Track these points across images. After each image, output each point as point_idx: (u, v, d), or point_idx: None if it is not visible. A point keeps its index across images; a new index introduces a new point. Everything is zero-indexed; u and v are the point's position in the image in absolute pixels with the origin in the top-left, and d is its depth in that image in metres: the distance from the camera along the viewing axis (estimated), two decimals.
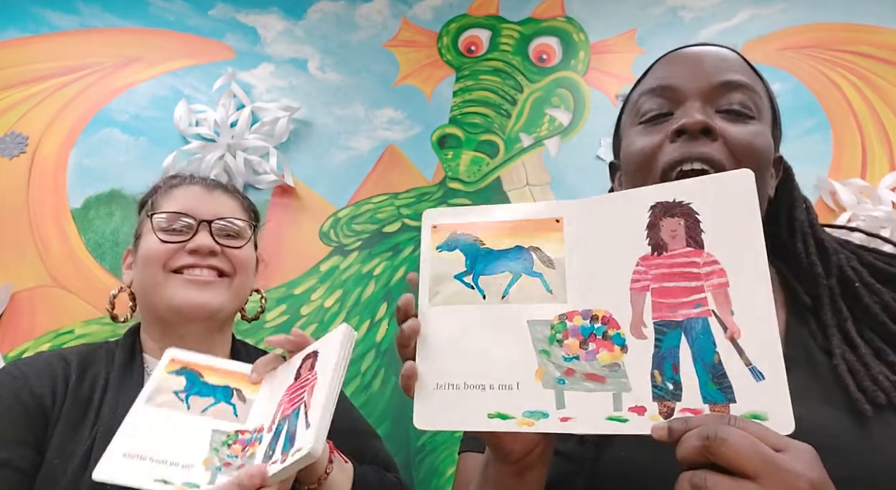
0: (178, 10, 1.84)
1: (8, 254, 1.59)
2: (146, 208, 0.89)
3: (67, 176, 1.67)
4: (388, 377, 1.57)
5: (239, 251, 0.84)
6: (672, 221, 0.46)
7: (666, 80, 0.63)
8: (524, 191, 1.74)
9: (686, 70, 0.62)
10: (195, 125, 1.72)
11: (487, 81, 1.83)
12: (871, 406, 0.51)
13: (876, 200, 1.55)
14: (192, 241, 0.81)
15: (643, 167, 0.61)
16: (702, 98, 0.60)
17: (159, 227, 0.82)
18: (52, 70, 1.73)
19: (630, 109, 0.67)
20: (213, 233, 0.82)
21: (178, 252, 0.81)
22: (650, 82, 0.65)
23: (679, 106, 0.61)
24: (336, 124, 1.81)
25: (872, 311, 0.57)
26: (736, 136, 0.58)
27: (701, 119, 0.57)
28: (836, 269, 0.61)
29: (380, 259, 1.68)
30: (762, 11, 1.76)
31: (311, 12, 1.89)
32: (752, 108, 0.60)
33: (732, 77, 0.60)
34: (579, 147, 1.74)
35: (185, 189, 0.87)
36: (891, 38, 1.67)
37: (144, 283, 0.83)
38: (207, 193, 0.86)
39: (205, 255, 0.81)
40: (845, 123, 1.65)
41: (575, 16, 1.85)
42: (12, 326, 1.54)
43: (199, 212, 0.83)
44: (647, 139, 0.61)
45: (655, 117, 0.62)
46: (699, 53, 0.64)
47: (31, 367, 0.76)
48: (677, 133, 0.58)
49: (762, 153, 0.59)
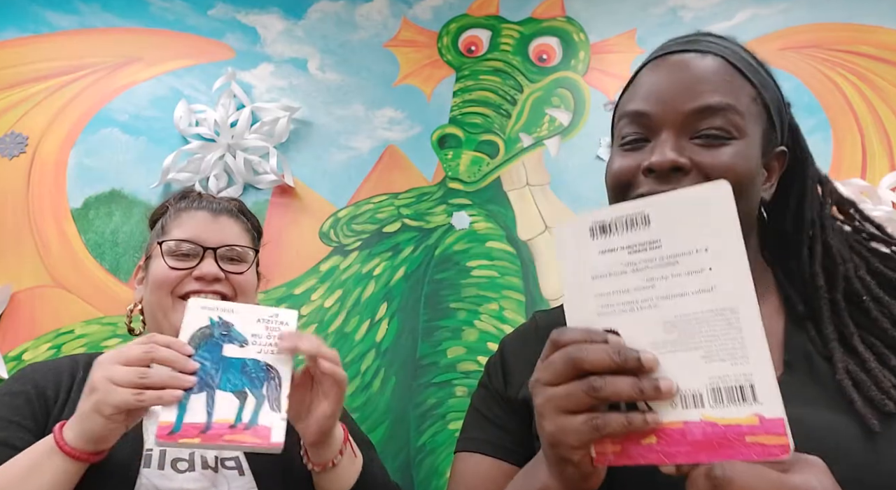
0: (178, 10, 1.84)
1: (8, 254, 1.59)
2: (156, 231, 0.95)
3: (67, 176, 1.67)
4: (388, 377, 1.57)
5: (241, 277, 0.91)
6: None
7: (641, 103, 0.61)
8: (524, 191, 1.74)
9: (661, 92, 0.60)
10: (195, 125, 1.72)
11: (487, 81, 1.83)
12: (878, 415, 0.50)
13: (876, 200, 1.55)
14: (197, 268, 0.87)
15: (617, 190, 0.62)
16: (675, 129, 0.58)
17: (168, 252, 0.88)
18: (52, 70, 1.73)
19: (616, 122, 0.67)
20: (217, 259, 0.89)
21: (186, 279, 0.87)
22: (631, 99, 0.64)
23: (654, 135, 0.60)
24: (336, 124, 1.81)
25: (882, 326, 0.57)
26: (710, 166, 0.57)
27: (670, 158, 0.56)
28: (843, 281, 0.59)
29: (380, 259, 1.68)
30: (762, 11, 1.76)
31: (311, 12, 1.89)
32: (731, 130, 0.58)
33: (709, 101, 0.58)
34: (579, 147, 1.75)
35: (192, 214, 0.93)
36: (891, 38, 1.67)
37: (153, 305, 0.89)
38: (213, 220, 0.93)
39: (209, 282, 0.87)
40: (845, 123, 1.65)
41: (575, 16, 1.85)
42: (12, 326, 1.54)
43: (205, 239, 0.89)
44: (623, 162, 0.62)
45: (633, 142, 0.62)
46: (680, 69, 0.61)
47: (40, 366, 0.85)
48: (649, 170, 0.58)
49: (740, 175, 0.57)
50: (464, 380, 1.57)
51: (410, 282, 1.66)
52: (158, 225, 0.95)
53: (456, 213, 1.72)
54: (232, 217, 0.95)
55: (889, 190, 1.56)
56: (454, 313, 1.63)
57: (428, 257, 1.69)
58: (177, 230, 0.90)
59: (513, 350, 0.74)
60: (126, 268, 1.62)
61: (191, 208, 0.94)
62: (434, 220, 1.72)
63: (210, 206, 0.95)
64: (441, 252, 1.69)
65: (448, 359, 1.59)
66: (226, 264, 0.90)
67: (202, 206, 0.94)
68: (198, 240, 0.89)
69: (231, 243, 0.91)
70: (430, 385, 1.57)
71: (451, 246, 1.69)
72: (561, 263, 0.48)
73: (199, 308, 0.69)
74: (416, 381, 1.58)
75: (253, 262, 0.94)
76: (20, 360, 1.52)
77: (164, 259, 0.88)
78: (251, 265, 0.93)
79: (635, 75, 0.67)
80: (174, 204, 0.97)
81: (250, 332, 0.70)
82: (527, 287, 1.64)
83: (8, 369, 1.50)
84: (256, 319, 0.71)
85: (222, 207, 0.95)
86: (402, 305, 1.64)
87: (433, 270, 1.67)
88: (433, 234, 1.71)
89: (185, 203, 0.96)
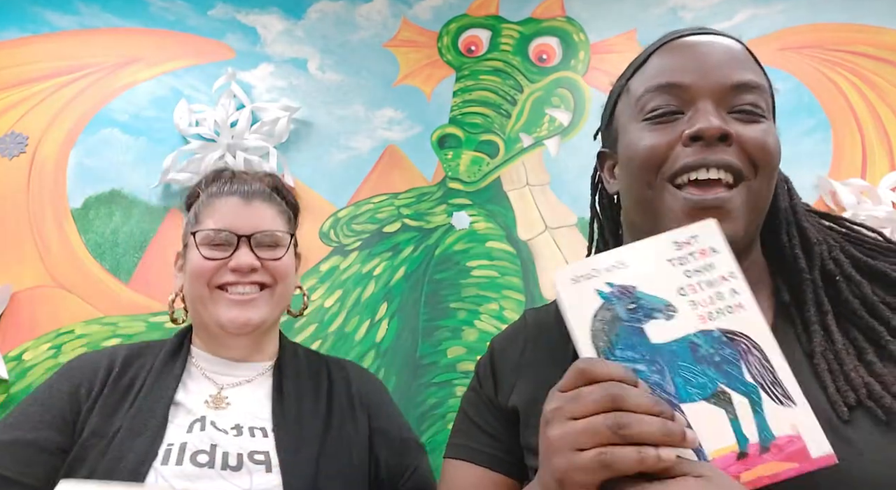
0: (178, 10, 1.84)
1: (8, 254, 1.59)
2: (189, 218, 0.93)
3: (67, 176, 1.67)
4: (388, 377, 1.57)
5: (278, 262, 0.88)
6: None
7: (673, 75, 0.59)
8: (524, 191, 1.74)
9: (694, 65, 0.59)
10: (195, 125, 1.72)
11: (487, 81, 1.83)
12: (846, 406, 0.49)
13: (876, 200, 1.55)
14: (233, 258, 0.85)
15: (650, 167, 0.59)
16: (714, 99, 0.57)
17: (202, 242, 0.86)
18: (52, 70, 1.73)
19: (631, 102, 0.63)
20: (252, 247, 0.86)
21: (222, 269, 0.85)
22: (655, 76, 0.61)
23: (689, 106, 0.58)
24: (336, 124, 1.81)
25: (851, 306, 0.56)
26: (750, 139, 0.56)
27: (719, 126, 0.55)
28: (819, 261, 0.59)
29: (380, 259, 1.68)
30: (762, 11, 1.76)
31: (311, 12, 1.89)
32: (762, 108, 0.58)
33: (745, 77, 0.58)
34: (579, 147, 1.75)
35: (224, 201, 0.90)
36: (891, 38, 1.67)
37: (192, 295, 0.88)
38: (246, 205, 0.89)
39: (246, 273, 0.85)
40: (845, 123, 1.65)
41: (575, 16, 1.85)
42: (12, 326, 1.54)
43: (238, 227, 0.87)
44: (654, 138, 0.59)
45: (663, 115, 0.59)
46: (707, 45, 0.60)
47: (76, 363, 0.86)
48: (693, 138, 0.56)
49: (775, 153, 0.58)
50: (464, 380, 1.56)
51: (410, 282, 1.66)
52: (191, 213, 0.93)
53: (456, 213, 1.72)
54: (265, 200, 0.92)
55: (889, 190, 1.56)
56: (454, 313, 1.63)
57: (428, 257, 1.69)
58: (209, 219, 0.88)
59: (502, 352, 0.73)
60: (126, 268, 1.62)
61: (222, 194, 0.91)
62: (434, 220, 1.72)
63: (241, 190, 0.91)
64: (441, 252, 1.69)
65: (448, 359, 1.59)
66: (261, 251, 0.87)
67: (234, 191, 0.91)
68: (231, 228, 0.86)
69: (265, 229, 0.88)
70: (430, 385, 1.57)
71: (451, 246, 1.69)
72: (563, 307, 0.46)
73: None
74: (416, 381, 1.58)
75: (290, 245, 0.91)
76: (20, 359, 1.52)
77: (198, 250, 0.86)
78: (288, 248, 0.91)
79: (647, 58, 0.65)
80: (205, 188, 0.94)
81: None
82: (527, 287, 1.64)
83: (8, 369, 1.50)
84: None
85: (254, 190, 0.92)
86: (402, 305, 1.64)
87: (433, 270, 1.67)
88: (433, 234, 1.71)
89: (217, 187, 0.93)
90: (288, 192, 0.99)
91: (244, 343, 0.88)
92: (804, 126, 1.66)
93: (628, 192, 0.64)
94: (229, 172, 0.96)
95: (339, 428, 0.85)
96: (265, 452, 0.78)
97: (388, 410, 0.94)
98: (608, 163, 0.71)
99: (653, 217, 0.59)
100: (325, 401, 0.87)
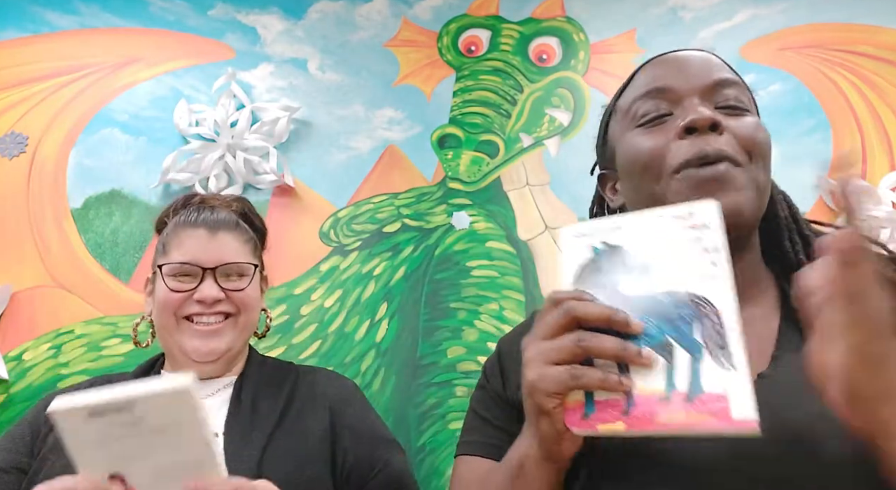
0: (178, 10, 1.84)
1: (8, 254, 1.59)
2: (158, 247, 0.96)
3: (67, 176, 1.67)
4: (388, 377, 1.57)
5: (242, 293, 0.91)
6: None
7: (658, 81, 0.63)
8: (524, 191, 1.74)
9: (676, 71, 0.63)
10: (195, 125, 1.72)
11: (487, 81, 1.83)
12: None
13: (876, 200, 1.55)
14: (197, 291, 0.88)
15: (651, 167, 0.61)
16: (699, 95, 0.61)
17: (168, 273, 0.89)
18: (52, 70, 1.73)
19: (622, 116, 0.67)
20: (217, 279, 0.89)
21: (187, 300, 0.88)
22: (641, 86, 0.65)
23: (677, 105, 0.61)
24: (336, 124, 1.81)
25: None
26: (740, 129, 0.59)
27: (709, 115, 0.58)
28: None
29: (380, 259, 1.68)
30: (762, 11, 1.76)
31: (311, 12, 1.89)
32: (745, 102, 0.62)
33: (724, 75, 0.62)
34: (579, 147, 1.75)
35: (190, 233, 0.92)
36: (891, 38, 1.67)
37: (159, 324, 0.91)
38: (211, 237, 0.92)
39: (210, 304, 0.88)
40: (845, 123, 1.65)
41: (575, 16, 1.86)
42: (12, 326, 1.54)
43: (203, 260, 0.89)
44: (650, 140, 0.62)
45: (654, 118, 0.62)
46: (686, 56, 0.65)
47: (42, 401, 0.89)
48: (687, 130, 0.58)
49: (765, 141, 0.60)
50: (464, 380, 1.57)
51: (410, 282, 1.66)
52: (160, 242, 0.96)
53: (456, 213, 1.72)
54: (230, 230, 0.94)
55: (889, 190, 1.56)
56: (454, 313, 1.63)
57: (428, 257, 1.69)
58: (175, 252, 0.91)
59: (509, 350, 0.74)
60: (126, 268, 1.62)
61: (188, 225, 0.93)
62: (434, 220, 1.72)
63: (207, 221, 0.93)
64: (441, 252, 1.69)
65: (448, 359, 1.59)
66: (226, 282, 0.90)
67: (199, 222, 0.93)
68: (196, 261, 0.89)
69: (229, 261, 0.91)
70: (430, 385, 1.57)
71: (451, 246, 1.69)
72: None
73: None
74: (416, 381, 1.58)
75: (254, 275, 0.94)
76: (20, 359, 1.52)
77: (164, 281, 0.89)
78: (252, 278, 0.93)
79: (632, 76, 0.69)
80: (173, 216, 0.96)
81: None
82: (527, 287, 1.64)
83: (8, 369, 1.50)
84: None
85: (220, 220, 0.94)
86: (402, 305, 1.64)
87: (433, 270, 1.67)
88: (433, 234, 1.71)
89: (184, 216, 0.95)
90: (256, 217, 1.01)
91: (211, 367, 0.91)
92: (804, 126, 1.66)
93: (636, 195, 0.65)
94: (198, 199, 0.99)
95: (295, 421, 0.85)
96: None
97: (355, 410, 0.93)
98: (609, 184, 0.74)
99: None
100: (283, 402, 0.87)
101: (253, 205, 1.02)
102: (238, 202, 1.00)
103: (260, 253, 0.99)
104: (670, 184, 0.59)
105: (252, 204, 1.02)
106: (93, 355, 1.53)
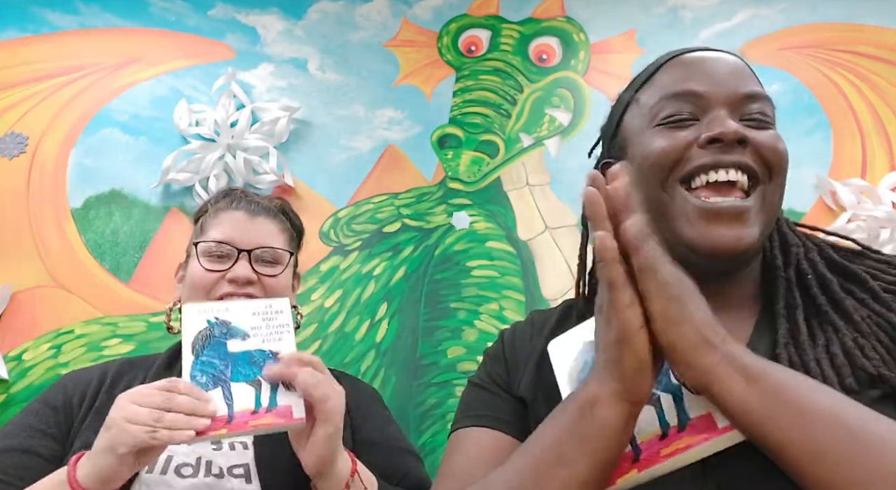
0: (178, 10, 1.84)
1: (8, 254, 1.59)
2: (195, 230, 0.95)
3: (67, 176, 1.67)
4: (388, 377, 1.57)
5: (274, 280, 0.90)
6: None
7: (688, 84, 0.63)
8: (524, 191, 1.74)
9: (707, 76, 0.63)
10: (195, 125, 1.72)
11: (487, 81, 1.83)
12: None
13: (876, 200, 1.55)
14: (231, 270, 0.87)
15: (663, 167, 0.61)
16: (728, 107, 0.61)
17: (203, 253, 0.89)
18: (52, 70, 1.73)
19: (643, 112, 0.66)
20: (252, 261, 0.89)
21: (220, 281, 0.88)
22: (669, 85, 0.64)
23: (705, 113, 0.61)
24: (336, 124, 1.81)
25: (818, 302, 0.58)
26: (764, 142, 0.60)
27: (737, 129, 0.58)
28: (795, 260, 0.62)
29: (380, 259, 1.68)
30: (762, 11, 1.76)
31: (310, 12, 1.89)
32: (770, 117, 0.63)
33: (755, 88, 0.63)
34: (579, 147, 1.75)
35: (229, 214, 0.92)
36: (891, 38, 1.67)
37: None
38: (250, 220, 0.92)
39: (242, 285, 0.87)
40: (845, 123, 1.65)
41: (575, 16, 1.86)
42: (12, 326, 1.54)
43: (239, 241, 0.89)
44: (669, 140, 0.61)
45: (679, 120, 0.62)
46: (714, 59, 0.65)
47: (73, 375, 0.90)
48: (710, 141, 0.59)
49: (786, 157, 0.62)
50: (464, 380, 1.56)
51: (410, 282, 1.66)
52: (198, 224, 0.95)
53: (456, 213, 1.72)
54: (270, 217, 0.94)
55: (889, 190, 1.56)
56: (454, 313, 1.63)
57: (428, 257, 1.69)
58: (213, 231, 0.90)
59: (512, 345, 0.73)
60: (126, 268, 1.62)
61: (229, 208, 0.93)
62: (434, 220, 1.72)
63: (248, 206, 0.94)
64: (441, 252, 1.69)
65: (448, 359, 1.59)
66: (260, 266, 0.89)
67: (240, 206, 0.93)
68: (232, 241, 0.88)
69: (266, 244, 0.90)
70: (430, 385, 1.57)
71: (451, 246, 1.69)
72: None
73: (195, 312, 0.72)
74: (416, 381, 1.58)
75: (288, 264, 0.93)
76: (20, 359, 1.52)
77: (199, 260, 0.88)
78: (286, 267, 0.92)
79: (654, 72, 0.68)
80: (214, 203, 0.96)
81: (249, 325, 0.73)
82: (527, 287, 1.64)
83: (8, 369, 1.50)
84: (252, 313, 0.74)
85: (261, 207, 0.94)
86: (402, 305, 1.64)
87: (433, 270, 1.67)
88: (433, 234, 1.71)
89: (224, 202, 0.95)
90: (295, 216, 1.01)
91: None
92: (804, 126, 1.66)
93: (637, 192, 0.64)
94: (239, 191, 0.99)
95: None
96: (244, 465, 0.79)
97: (374, 424, 0.93)
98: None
99: (665, 220, 0.61)
100: None
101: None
102: (279, 200, 1.01)
103: (296, 247, 0.99)
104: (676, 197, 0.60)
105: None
106: (93, 355, 1.53)
